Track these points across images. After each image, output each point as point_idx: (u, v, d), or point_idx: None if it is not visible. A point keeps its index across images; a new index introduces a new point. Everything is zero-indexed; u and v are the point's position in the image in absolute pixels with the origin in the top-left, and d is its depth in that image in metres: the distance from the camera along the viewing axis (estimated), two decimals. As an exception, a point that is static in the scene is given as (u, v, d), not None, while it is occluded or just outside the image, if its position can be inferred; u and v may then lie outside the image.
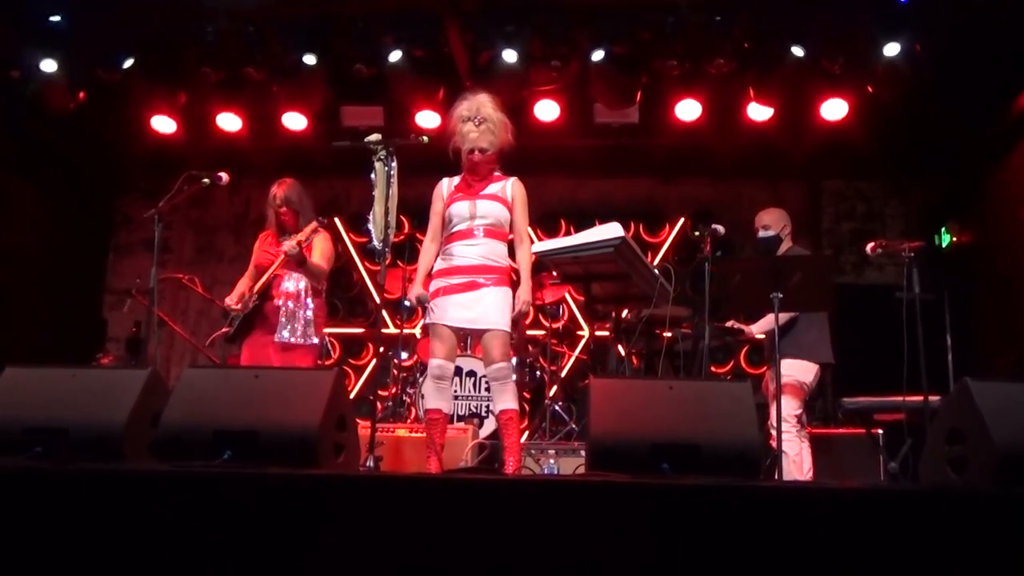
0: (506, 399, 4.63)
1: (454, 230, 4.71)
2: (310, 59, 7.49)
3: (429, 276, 4.78)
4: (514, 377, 4.77)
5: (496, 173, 4.83)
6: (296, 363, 5.34)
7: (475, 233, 4.67)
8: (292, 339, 5.35)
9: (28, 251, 8.55)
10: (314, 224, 5.40)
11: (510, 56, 7.27)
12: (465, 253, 4.66)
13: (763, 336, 5.80)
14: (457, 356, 6.94)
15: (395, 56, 7.42)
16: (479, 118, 4.68)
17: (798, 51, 7.22)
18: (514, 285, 4.79)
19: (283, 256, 5.31)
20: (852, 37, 7.22)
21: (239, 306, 5.38)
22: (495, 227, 4.71)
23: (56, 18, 7.50)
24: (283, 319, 5.35)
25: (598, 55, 7.35)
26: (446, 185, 4.83)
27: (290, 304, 5.39)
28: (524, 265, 4.79)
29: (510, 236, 4.80)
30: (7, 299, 8.20)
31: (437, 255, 4.80)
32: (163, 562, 2.74)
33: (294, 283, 5.44)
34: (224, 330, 5.48)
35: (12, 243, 8.36)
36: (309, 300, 5.47)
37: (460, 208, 4.69)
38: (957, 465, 3.09)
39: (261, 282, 5.38)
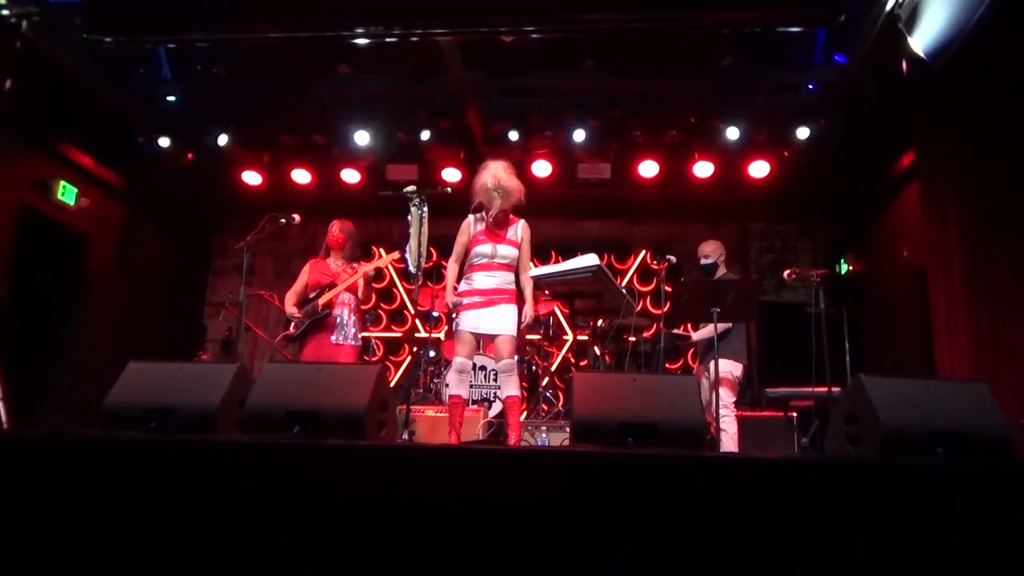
0: (511, 387, 4.62)
1: (477, 263, 4.72)
2: (362, 130, 7.54)
3: (455, 287, 4.77)
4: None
5: (511, 217, 4.84)
6: (348, 357, 5.36)
7: (493, 267, 4.70)
8: (347, 341, 5.37)
9: (150, 274, 8.57)
10: (395, 255, 5.39)
11: (514, 129, 7.33)
12: (485, 281, 4.69)
13: (697, 341, 5.77)
14: (474, 354, 7.01)
15: (426, 127, 7.48)
16: (500, 188, 4.68)
17: (732, 125, 7.27)
18: (519, 302, 4.82)
19: (357, 275, 5.33)
20: (773, 115, 7.27)
21: (301, 315, 5.38)
22: (508, 263, 4.75)
23: (172, 98, 7.56)
24: (339, 325, 5.36)
25: (580, 128, 7.39)
26: (472, 223, 4.82)
27: (344, 314, 5.40)
28: (528, 288, 4.83)
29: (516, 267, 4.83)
30: (133, 311, 8.22)
31: (459, 273, 4.81)
32: (246, 516, 2.72)
33: (348, 298, 5.45)
34: (290, 331, 5.47)
35: (139, 268, 8.39)
36: (354, 312, 5.48)
37: (484, 249, 4.71)
38: (853, 440, 3.07)
39: (328, 296, 5.35)
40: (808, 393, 5.81)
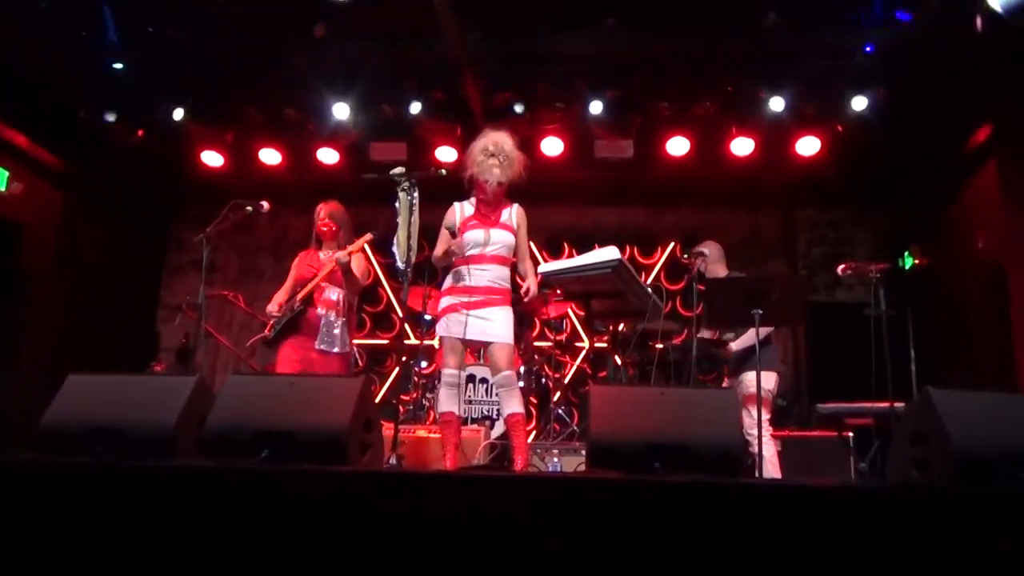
0: (513, 404, 4.62)
1: (467, 254, 4.71)
2: (342, 102, 7.55)
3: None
4: (520, 384, 4.77)
5: (504, 199, 4.85)
6: (333, 367, 5.36)
7: (486, 259, 4.70)
8: (333, 349, 5.36)
9: (94, 272, 8.57)
10: (369, 236, 5.39)
11: (519, 100, 7.34)
12: (475, 276, 4.68)
13: (737, 349, 5.76)
14: (472, 364, 7.01)
15: (417, 99, 7.50)
16: (502, 155, 4.68)
17: (776, 95, 7.26)
18: (513, 303, 4.83)
19: (332, 264, 5.32)
20: (824, 83, 7.25)
21: (279, 312, 5.38)
22: (503, 255, 4.75)
23: (118, 66, 7.57)
24: (323, 329, 5.36)
25: (598, 98, 7.39)
26: (459, 210, 4.83)
27: (331, 315, 5.39)
28: (529, 270, 4.83)
29: (513, 260, 4.83)
30: (75, 314, 8.23)
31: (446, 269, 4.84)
32: (207, 550, 2.72)
33: (336, 294, 5.45)
34: (264, 334, 5.46)
35: (81, 265, 8.40)
36: (344, 312, 5.48)
37: (475, 235, 4.70)
38: (920, 465, 3.06)
39: (306, 289, 5.36)
40: (866, 409, 5.79)
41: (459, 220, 4.80)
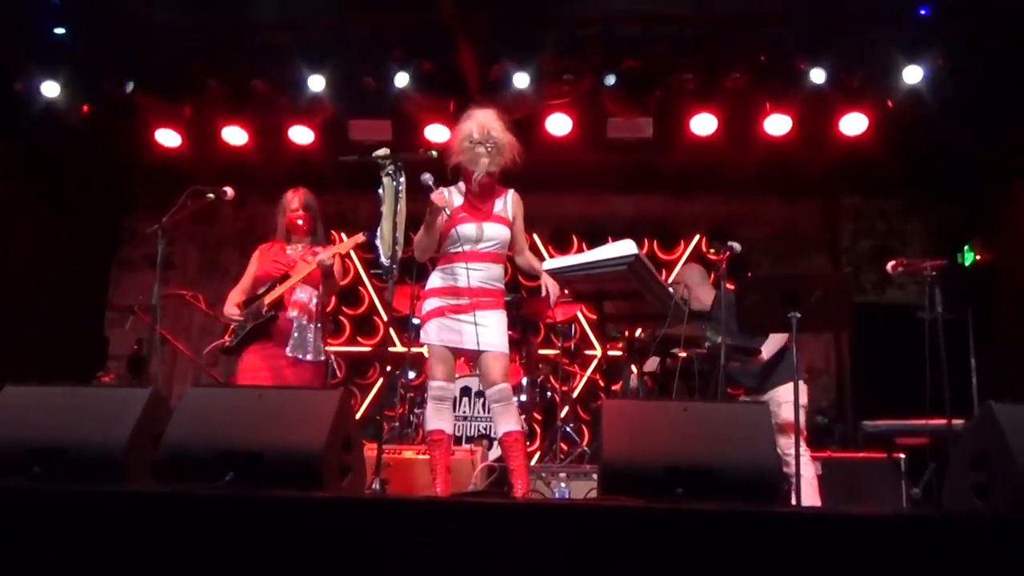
0: (509, 421, 4.62)
1: (456, 249, 4.69)
2: (317, 73, 7.55)
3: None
4: (523, 398, 4.77)
5: (496, 186, 4.85)
6: (307, 379, 5.32)
7: (478, 256, 4.70)
8: (306, 356, 5.34)
9: (33, 268, 8.57)
10: (361, 238, 5.30)
11: (522, 71, 7.32)
12: (467, 275, 4.66)
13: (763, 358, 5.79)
14: (465, 376, 7.01)
15: (404, 70, 7.49)
16: (490, 142, 4.67)
17: (817, 66, 7.25)
18: (507, 306, 4.85)
19: (313, 266, 5.30)
20: (872, 51, 7.23)
21: (240, 315, 5.35)
22: (497, 251, 4.76)
23: (60, 30, 7.56)
24: (295, 334, 5.33)
25: (611, 70, 7.39)
26: (447, 196, 4.80)
27: (304, 319, 5.37)
28: (534, 263, 4.87)
29: (508, 255, 4.84)
30: (11, 318, 8.22)
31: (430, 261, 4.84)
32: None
33: (308, 295, 5.42)
34: (223, 341, 5.44)
35: (18, 261, 8.40)
36: (318, 316, 5.47)
37: (468, 230, 4.69)
38: (981, 491, 3.06)
39: (278, 292, 5.31)
40: (920, 427, 5.78)
41: (448, 209, 4.78)
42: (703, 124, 7.79)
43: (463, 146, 4.69)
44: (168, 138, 8.22)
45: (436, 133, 7.85)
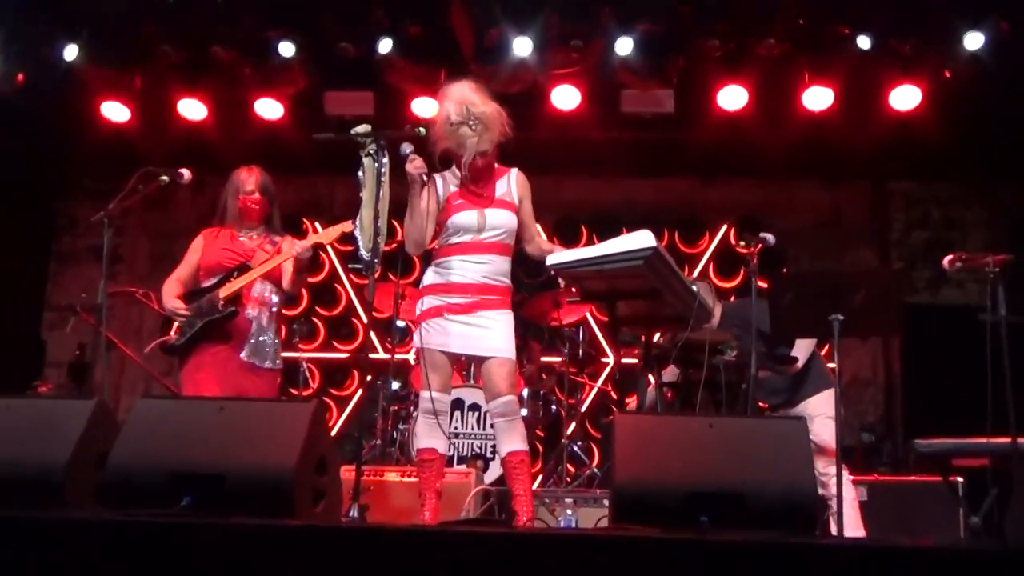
0: (514, 439, 4.63)
1: (455, 241, 4.71)
2: (288, 38, 7.54)
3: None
4: (523, 412, 4.78)
5: (496, 166, 4.85)
6: (264, 391, 5.27)
7: (481, 247, 4.70)
8: (265, 364, 5.31)
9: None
10: (347, 226, 5.11)
11: (523, 36, 7.31)
12: (467, 270, 4.67)
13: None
14: (459, 387, 7.02)
15: (388, 35, 7.48)
16: (473, 118, 4.66)
17: (863, 32, 7.24)
18: (515, 307, 4.85)
19: (287, 257, 5.26)
20: (926, 13, 7.23)
21: (186, 309, 5.28)
22: (503, 241, 4.75)
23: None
24: (253, 337, 5.29)
25: (626, 35, 7.39)
26: (441, 186, 4.82)
27: (264, 318, 5.34)
28: (544, 245, 4.91)
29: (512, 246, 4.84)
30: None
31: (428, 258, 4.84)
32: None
33: (269, 291, 5.40)
34: (168, 338, 5.39)
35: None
36: (278, 315, 5.45)
37: (466, 219, 4.70)
38: (1051, 520, 3.07)
39: (237, 285, 5.27)
40: (980, 446, 5.78)
41: (443, 196, 4.79)
42: (732, 97, 7.81)
43: (446, 130, 4.68)
44: (115, 112, 8.23)
45: (424, 107, 7.83)
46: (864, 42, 7.29)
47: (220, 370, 5.23)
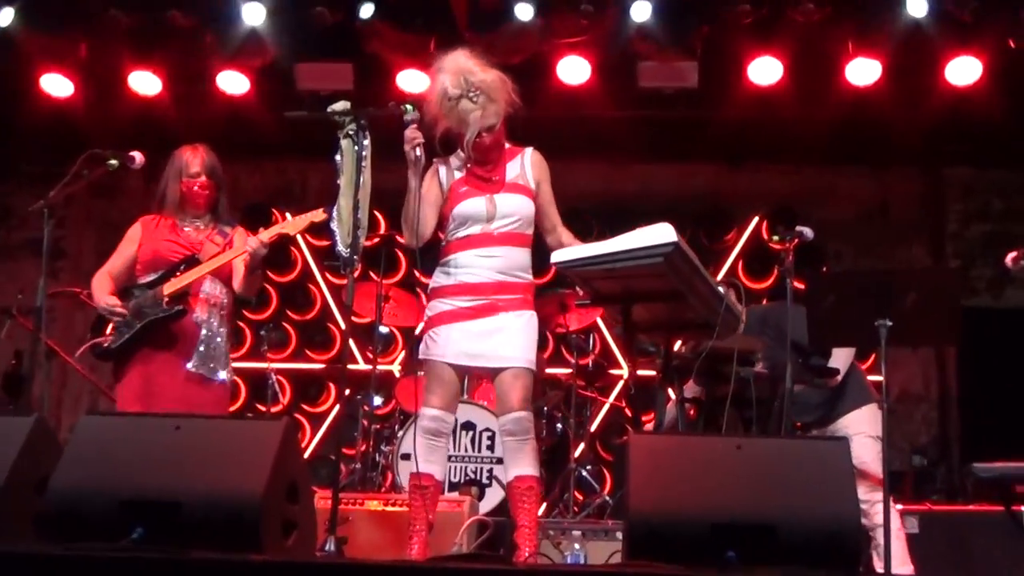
0: (524, 462, 4.61)
1: (463, 234, 4.68)
2: (255, 2, 7.56)
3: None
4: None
5: (506, 146, 4.84)
6: (210, 406, 5.14)
7: (492, 240, 4.67)
8: (217, 375, 5.25)
9: None
10: (317, 214, 5.04)
11: (524, 1, 7.34)
12: (479, 267, 4.65)
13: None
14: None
15: (370, -2, 7.51)
16: (473, 89, 4.63)
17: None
18: (537, 306, 4.83)
19: (240, 253, 5.17)
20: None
21: (122, 307, 5.21)
22: (518, 231, 4.72)
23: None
24: (203, 344, 5.20)
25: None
26: (443, 173, 4.81)
27: (214, 322, 5.27)
28: (568, 239, 4.86)
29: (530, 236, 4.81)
30: None
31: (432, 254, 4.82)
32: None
33: (219, 290, 5.35)
34: (102, 340, 5.28)
35: None
36: (229, 319, 5.41)
37: (473, 207, 4.67)
38: None
39: (184, 281, 5.18)
40: (1050, 472, 5.82)
41: (446, 184, 4.76)
42: (764, 70, 7.82)
43: (444, 108, 4.65)
44: (57, 86, 8.23)
45: (412, 81, 7.87)
46: (917, 7, 7.28)
47: (166, 382, 5.14)
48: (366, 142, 4.52)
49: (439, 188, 4.76)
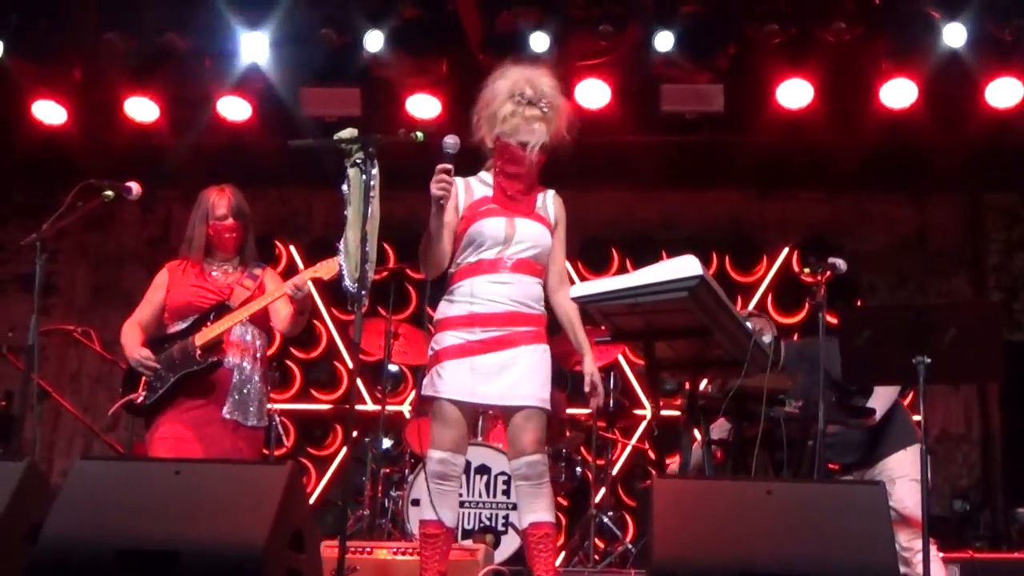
0: (539, 508, 4.59)
1: (475, 259, 4.65)
2: (257, 25, 7.60)
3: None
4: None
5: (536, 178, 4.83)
6: (245, 452, 5.26)
7: (507, 266, 4.64)
8: (249, 421, 5.27)
9: None
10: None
11: (540, 21, 7.36)
12: (492, 295, 4.60)
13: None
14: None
15: (379, 19, 7.53)
16: (545, 102, 4.63)
17: (952, 17, 7.25)
18: (554, 343, 4.81)
19: (280, 295, 5.19)
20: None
21: (154, 361, 5.25)
22: (533, 259, 4.69)
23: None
24: (236, 391, 5.26)
25: (666, 19, 7.42)
26: (463, 189, 4.76)
27: (247, 366, 5.31)
28: (575, 318, 4.80)
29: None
30: None
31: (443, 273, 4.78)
32: None
33: (251, 335, 5.39)
34: (135, 396, 5.33)
35: None
36: (263, 363, 5.45)
37: (493, 227, 4.62)
38: None
39: (217, 330, 5.22)
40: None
41: (463, 205, 4.73)
42: (795, 93, 7.83)
43: (503, 110, 4.61)
44: (50, 113, 8.27)
45: (423, 106, 7.88)
46: (955, 30, 7.28)
47: (201, 433, 5.19)
48: (374, 171, 4.51)
49: (455, 212, 4.68)
